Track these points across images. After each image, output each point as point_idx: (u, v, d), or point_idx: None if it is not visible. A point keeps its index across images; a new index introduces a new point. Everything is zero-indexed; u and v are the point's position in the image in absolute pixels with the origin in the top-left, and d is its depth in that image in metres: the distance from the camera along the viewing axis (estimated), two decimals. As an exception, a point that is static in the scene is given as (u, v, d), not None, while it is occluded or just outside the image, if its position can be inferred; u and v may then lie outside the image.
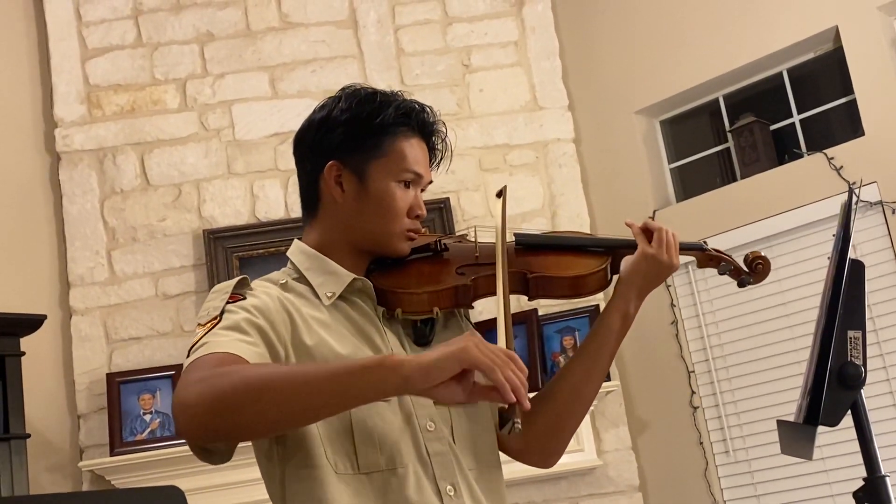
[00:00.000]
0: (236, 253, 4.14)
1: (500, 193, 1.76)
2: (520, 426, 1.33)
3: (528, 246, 1.75)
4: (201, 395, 1.36)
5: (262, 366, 1.44)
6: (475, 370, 1.33)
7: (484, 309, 1.87)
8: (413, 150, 1.67)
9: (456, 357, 1.32)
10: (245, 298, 1.55)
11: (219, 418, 1.36)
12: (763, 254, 1.82)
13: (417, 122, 1.68)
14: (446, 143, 1.73)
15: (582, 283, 1.69)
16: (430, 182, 1.72)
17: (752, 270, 1.81)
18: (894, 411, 3.70)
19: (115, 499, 0.84)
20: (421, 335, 1.66)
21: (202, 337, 1.49)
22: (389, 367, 1.33)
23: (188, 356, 1.48)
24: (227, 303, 1.54)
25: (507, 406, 1.34)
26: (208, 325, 1.51)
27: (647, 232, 1.73)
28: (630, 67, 4.44)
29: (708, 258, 1.81)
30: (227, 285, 1.58)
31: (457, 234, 1.86)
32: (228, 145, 4.31)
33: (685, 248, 1.79)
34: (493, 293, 1.60)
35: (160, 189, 4.25)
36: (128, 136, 4.29)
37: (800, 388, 1.71)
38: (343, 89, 1.70)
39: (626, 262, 1.72)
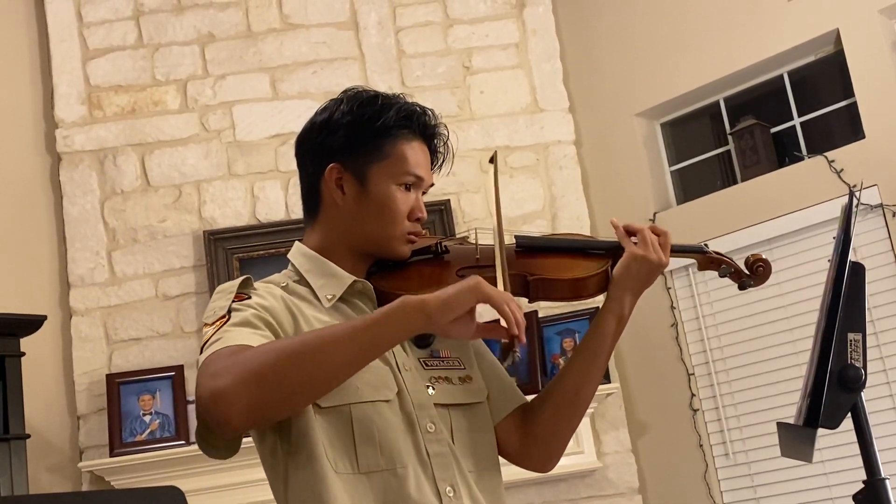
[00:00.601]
0: (236, 254, 4.14)
1: (493, 159, 1.75)
2: (519, 355, 1.44)
3: (529, 248, 1.75)
4: (239, 377, 1.37)
5: (290, 339, 1.47)
6: (489, 304, 1.43)
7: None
8: (414, 152, 1.67)
9: (472, 290, 1.42)
10: (250, 298, 1.56)
11: (265, 393, 1.38)
12: (764, 256, 1.81)
13: (419, 124, 1.68)
14: (448, 145, 1.74)
15: (582, 285, 1.69)
16: (432, 185, 1.72)
17: (753, 273, 1.80)
18: (894, 414, 3.70)
19: (115, 499, 0.84)
20: (422, 337, 1.66)
21: (214, 334, 1.50)
22: (413, 307, 1.41)
23: (201, 353, 1.49)
24: (233, 302, 1.54)
25: (508, 340, 1.43)
26: (217, 323, 1.52)
27: (631, 233, 1.72)
28: (631, 70, 4.44)
29: (709, 261, 1.81)
30: (232, 285, 1.59)
31: (457, 236, 1.86)
32: (229, 146, 4.31)
33: (685, 251, 1.79)
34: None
35: (160, 190, 4.25)
36: (128, 137, 4.29)
37: (800, 390, 1.71)
38: (345, 91, 1.71)
39: (618, 263, 1.71)
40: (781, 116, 4.22)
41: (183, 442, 3.87)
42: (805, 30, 4.02)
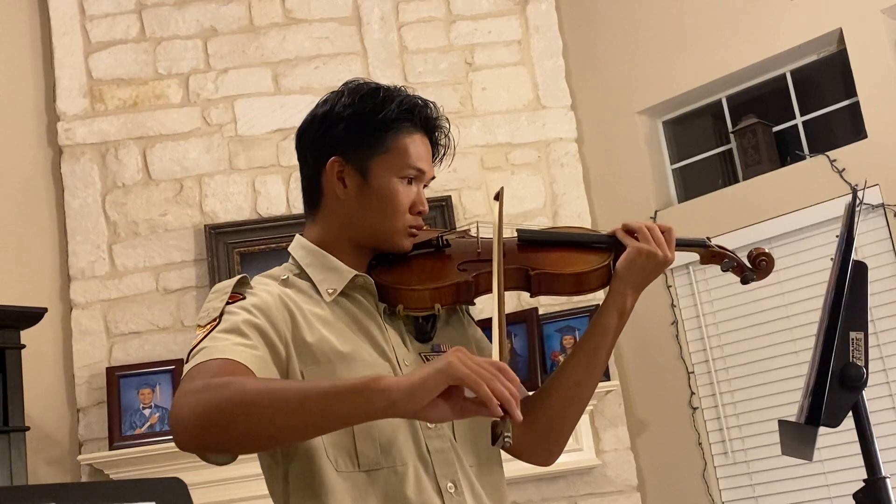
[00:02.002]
0: (237, 248, 4.14)
1: (498, 196, 1.75)
2: (510, 440, 1.30)
3: (530, 242, 1.74)
4: (194, 410, 1.36)
5: (254, 381, 1.42)
6: (463, 386, 1.30)
7: (484, 307, 1.87)
8: (416, 146, 1.66)
9: (441, 374, 1.29)
10: (245, 298, 1.55)
11: (209, 432, 1.36)
12: (767, 250, 1.81)
13: (420, 117, 1.67)
14: (449, 138, 1.73)
15: (584, 279, 1.68)
16: (433, 178, 1.71)
17: (756, 267, 1.79)
18: (894, 414, 3.70)
19: (117, 490, 0.84)
20: (422, 331, 1.66)
21: (201, 341, 1.49)
22: (376, 391, 1.30)
23: (187, 360, 1.49)
24: (227, 303, 1.53)
25: (498, 420, 1.31)
26: (208, 326, 1.51)
27: (631, 231, 1.71)
28: (633, 68, 4.44)
29: (711, 255, 1.80)
30: (227, 285, 1.58)
31: (458, 229, 1.85)
32: (230, 141, 4.31)
33: (688, 245, 1.79)
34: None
35: (162, 184, 4.25)
36: (130, 131, 4.29)
37: (800, 389, 1.71)
38: (346, 84, 1.70)
39: (620, 258, 1.70)
40: (783, 115, 4.22)
41: (182, 436, 3.87)
42: (808, 29, 4.02)
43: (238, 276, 1.59)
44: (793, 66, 4.18)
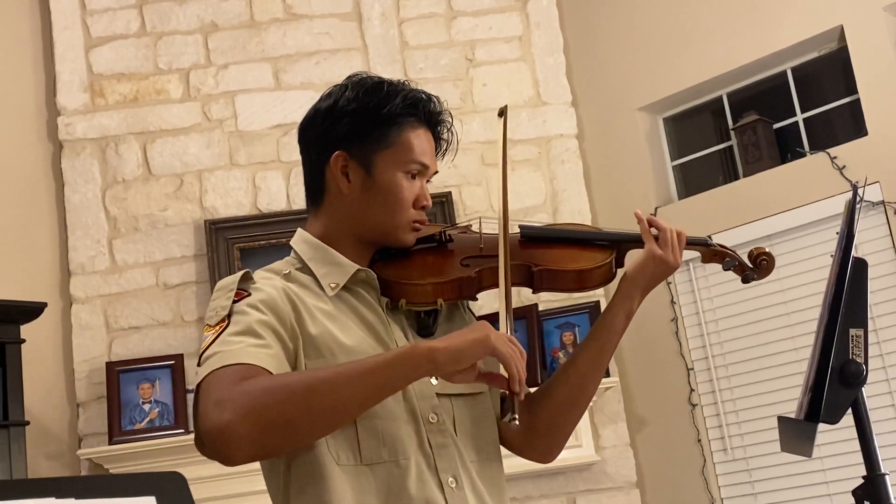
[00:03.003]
0: (237, 244, 4.14)
1: (502, 112, 1.75)
2: (517, 420, 1.42)
3: (533, 238, 1.74)
4: (245, 416, 1.37)
5: (298, 375, 1.46)
6: (495, 357, 1.43)
7: (484, 303, 1.86)
8: (420, 140, 1.66)
9: (483, 344, 1.42)
10: (250, 294, 1.54)
11: (271, 436, 1.38)
12: (767, 250, 1.81)
13: (425, 112, 1.67)
14: (452, 133, 1.72)
15: (587, 276, 1.69)
16: (436, 172, 1.71)
17: (757, 266, 1.80)
18: (893, 411, 3.70)
19: (116, 484, 0.84)
20: (424, 326, 1.66)
21: (212, 343, 1.48)
22: (422, 355, 1.41)
23: (200, 364, 1.48)
24: (234, 301, 1.53)
25: (508, 393, 1.43)
26: (217, 327, 1.51)
27: (656, 232, 1.72)
28: (634, 64, 4.44)
29: (712, 254, 1.81)
30: (231, 281, 1.57)
31: (461, 224, 1.84)
32: (231, 136, 4.31)
33: (690, 244, 1.79)
34: (497, 285, 1.60)
35: (162, 179, 4.25)
36: (130, 126, 4.28)
37: (799, 386, 1.71)
38: (349, 78, 1.69)
39: (633, 261, 1.71)
40: (784, 112, 4.21)
41: (182, 430, 3.88)
42: (809, 26, 4.01)
43: (241, 272, 1.59)
44: (794, 63, 4.18)
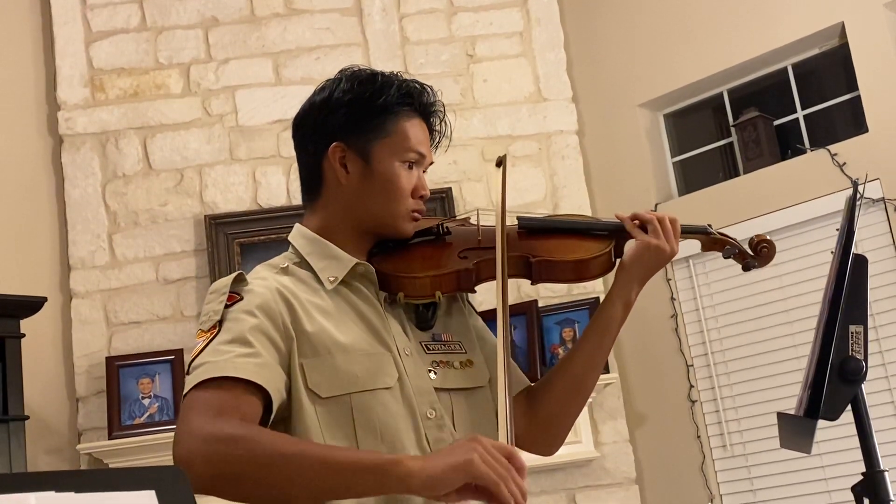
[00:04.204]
0: (237, 239, 4.14)
1: (500, 163, 1.74)
2: None
3: (531, 229, 1.74)
4: (204, 458, 1.37)
5: (270, 439, 1.41)
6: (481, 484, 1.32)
7: (484, 300, 1.87)
8: (415, 130, 1.66)
9: (462, 471, 1.31)
10: (242, 298, 1.54)
11: (219, 486, 1.38)
12: (768, 237, 1.80)
13: (419, 102, 1.68)
14: (446, 123, 1.73)
15: (585, 267, 1.68)
16: (432, 163, 1.71)
17: (757, 254, 1.78)
18: (892, 408, 3.71)
19: (116, 478, 0.84)
20: (423, 319, 1.66)
21: (202, 350, 1.49)
22: (396, 477, 1.33)
23: (188, 372, 1.49)
24: (226, 305, 1.53)
25: None
26: (209, 333, 1.51)
27: (642, 223, 1.71)
28: (634, 60, 4.43)
29: (712, 242, 1.80)
30: (224, 284, 1.57)
31: (459, 217, 1.84)
32: (231, 131, 4.31)
33: (689, 232, 1.78)
34: (495, 277, 1.60)
35: (162, 174, 4.25)
36: (131, 121, 4.28)
37: (798, 383, 1.71)
38: (342, 71, 1.70)
39: (628, 251, 1.70)
40: (785, 109, 4.21)
41: (181, 426, 3.87)
42: (810, 22, 4.01)
43: (234, 274, 1.58)
44: (794, 60, 4.18)
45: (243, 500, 1.42)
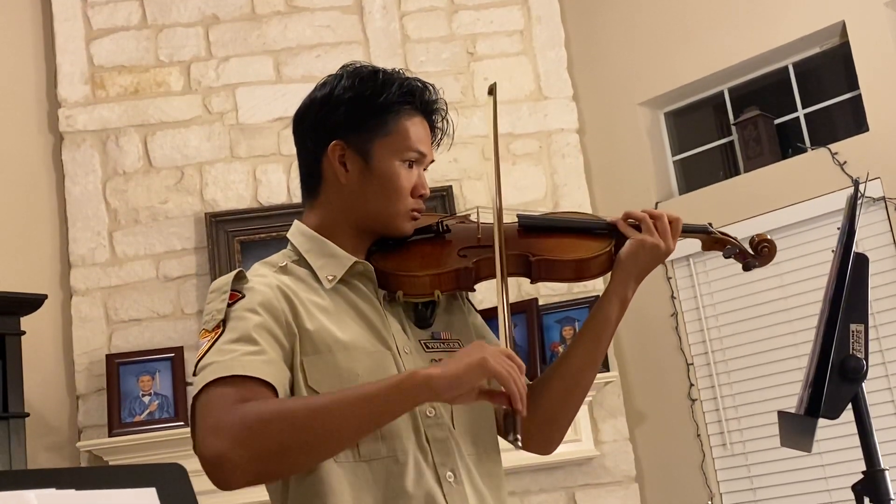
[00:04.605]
0: (238, 237, 4.14)
1: (491, 90, 1.73)
2: (521, 440, 1.41)
3: (531, 228, 1.73)
4: (242, 444, 1.37)
5: (295, 402, 1.46)
6: (493, 379, 1.41)
7: (484, 298, 1.86)
8: (416, 128, 1.66)
9: (480, 367, 1.39)
10: (244, 296, 1.54)
11: (268, 463, 1.39)
12: (769, 237, 1.79)
13: (420, 101, 1.67)
14: (447, 121, 1.72)
15: (585, 266, 1.67)
16: (432, 161, 1.70)
17: (758, 253, 1.78)
18: (892, 407, 3.71)
19: (118, 475, 0.85)
20: (422, 318, 1.65)
21: (208, 351, 1.48)
22: (421, 382, 1.39)
23: (195, 372, 1.48)
24: (228, 304, 1.52)
25: (510, 410, 1.41)
26: (213, 333, 1.50)
27: (633, 222, 1.70)
28: (635, 59, 4.43)
29: (713, 241, 1.79)
30: (225, 283, 1.57)
31: (459, 214, 1.83)
32: (231, 129, 4.31)
33: (690, 231, 1.77)
34: (495, 276, 1.59)
35: (163, 171, 4.25)
36: (131, 118, 4.28)
37: (798, 382, 1.71)
38: (343, 67, 1.69)
39: (624, 248, 1.69)
40: (785, 108, 4.21)
41: (181, 423, 3.87)
42: (811, 21, 4.01)
43: (234, 272, 1.58)
44: (795, 59, 4.17)
45: (294, 469, 1.45)
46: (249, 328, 1.49)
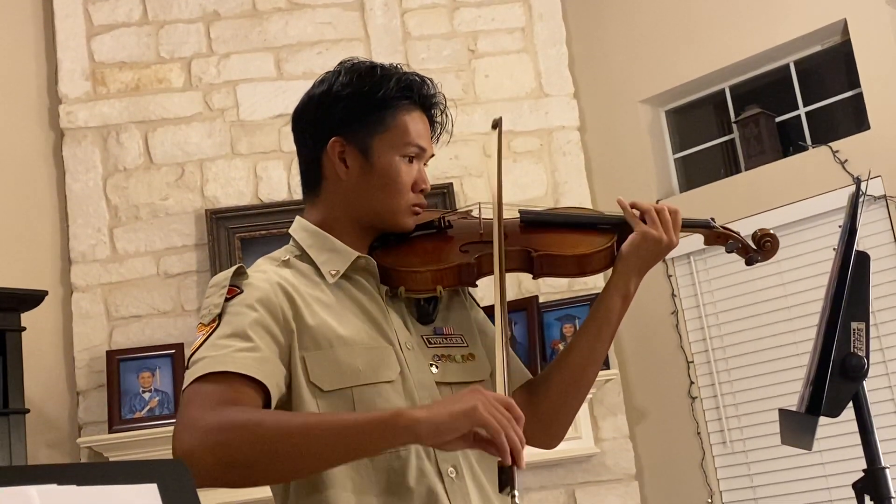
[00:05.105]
0: (238, 233, 4.14)
1: (496, 125, 1.73)
2: (518, 497, 1.35)
3: (533, 223, 1.72)
4: (209, 449, 1.36)
5: (273, 418, 1.42)
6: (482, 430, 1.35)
7: (485, 295, 1.86)
8: (415, 123, 1.65)
9: (467, 417, 1.34)
10: (242, 291, 1.53)
11: (230, 474, 1.38)
12: (771, 231, 1.78)
13: (419, 95, 1.66)
14: (446, 115, 1.71)
15: (587, 261, 1.66)
16: (432, 156, 1.70)
17: (761, 248, 1.77)
18: (893, 405, 3.71)
19: (119, 471, 0.85)
20: (424, 314, 1.65)
21: (201, 345, 1.48)
22: (403, 427, 1.34)
23: (188, 366, 1.48)
24: (226, 299, 1.52)
25: (505, 466, 1.35)
26: (209, 327, 1.50)
27: (640, 212, 1.69)
28: (636, 56, 4.43)
29: (715, 236, 1.78)
30: (224, 278, 1.56)
31: (460, 210, 1.83)
32: (232, 126, 4.30)
33: (692, 226, 1.77)
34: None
35: (163, 168, 4.25)
36: (132, 114, 4.28)
37: (798, 380, 1.71)
38: (342, 63, 1.68)
39: (626, 242, 1.68)
40: (786, 106, 4.21)
41: (182, 420, 3.87)
42: (812, 19, 4.01)
43: (234, 267, 1.57)
44: (796, 57, 4.17)
45: (254, 483, 1.41)
46: (245, 324, 1.49)
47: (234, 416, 1.39)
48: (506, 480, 1.35)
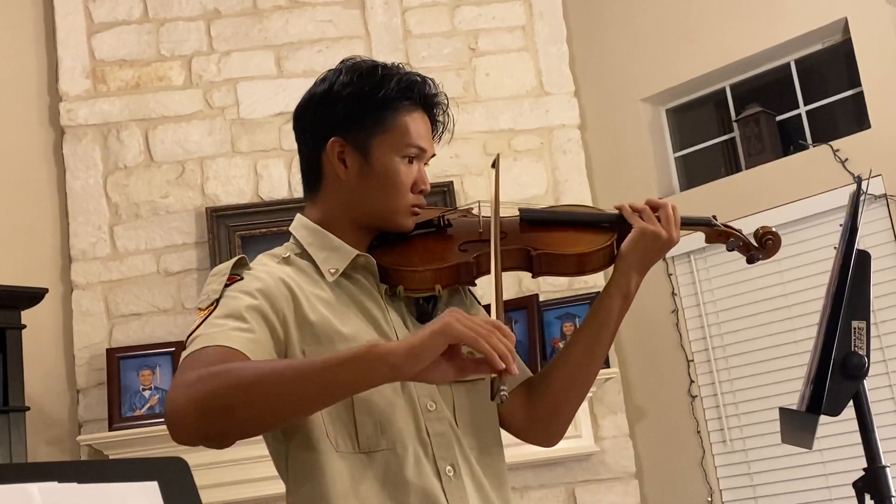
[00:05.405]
0: (238, 231, 4.14)
1: (495, 163, 1.73)
2: (506, 394, 1.31)
3: (533, 221, 1.72)
4: (191, 399, 1.36)
5: (251, 364, 1.42)
6: (461, 344, 1.33)
7: (484, 293, 1.86)
8: (416, 124, 1.65)
9: (440, 334, 1.31)
10: (242, 279, 1.54)
11: (209, 421, 1.36)
12: (773, 229, 1.78)
13: (420, 95, 1.66)
14: (448, 115, 1.71)
15: (587, 260, 1.66)
16: (433, 155, 1.70)
17: (763, 246, 1.76)
18: (893, 404, 3.71)
19: (120, 469, 0.85)
20: (424, 313, 1.65)
21: (198, 327, 1.49)
22: (376, 357, 1.32)
23: (185, 346, 1.49)
24: (226, 286, 1.53)
25: (497, 375, 1.32)
26: (206, 311, 1.51)
27: (637, 211, 1.69)
28: (637, 55, 4.43)
29: (717, 234, 1.78)
30: (225, 267, 1.57)
31: (460, 208, 1.83)
32: (233, 124, 4.30)
33: (693, 224, 1.77)
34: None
35: (164, 166, 4.25)
36: (132, 112, 4.28)
37: (799, 379, 1.71)
38: (343, 62, 1.68)
39: (625, 240, 1.68)
40: (787, 105, 4.21)
41: (182, 418, 3.87)
42: (813, 18, 4.01)
43: (236, 258, 1.59)
44: (797, 55, 4.17)
45: (237, 432, 1.39)
46: (241, 307, 1.49)
47: (212, 368, 1.39)
48: (497, 385, 1.31)
